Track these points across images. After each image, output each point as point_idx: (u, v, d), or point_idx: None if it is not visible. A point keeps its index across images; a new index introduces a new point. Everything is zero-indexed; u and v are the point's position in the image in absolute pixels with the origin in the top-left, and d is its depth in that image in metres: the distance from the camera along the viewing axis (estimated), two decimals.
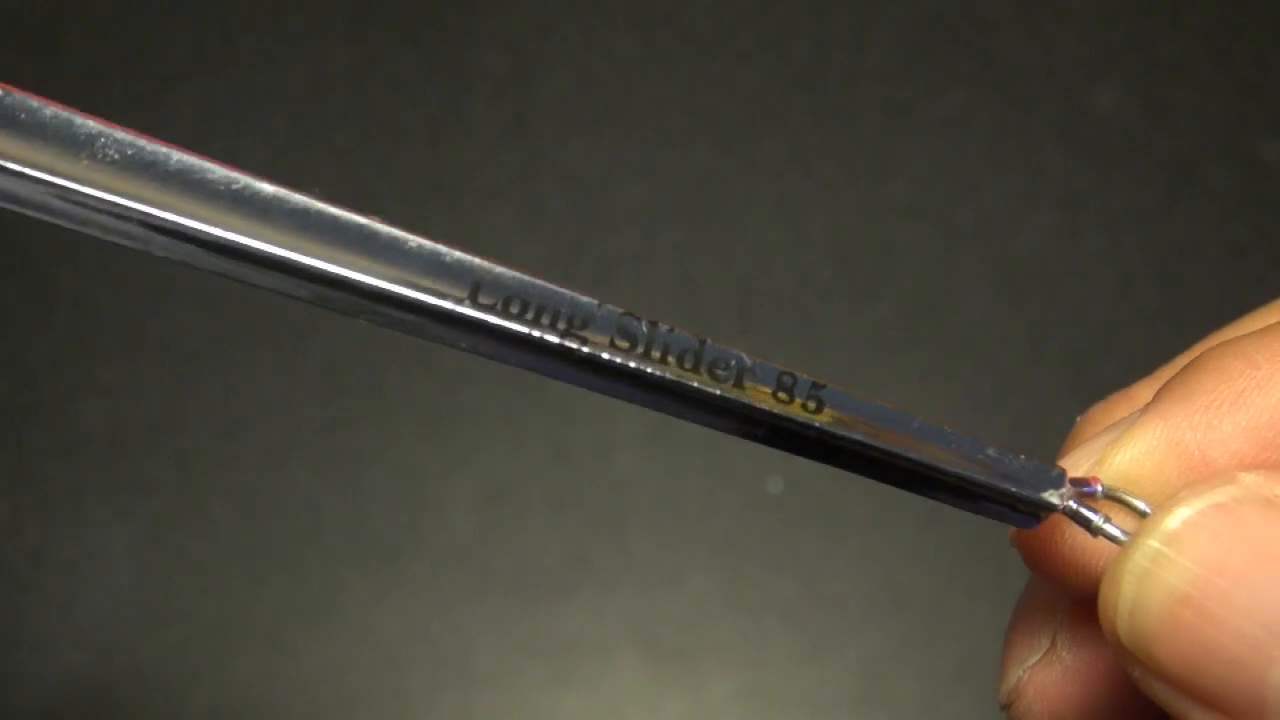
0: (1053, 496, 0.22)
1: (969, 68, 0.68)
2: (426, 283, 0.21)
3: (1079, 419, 0.26)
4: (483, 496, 0.61)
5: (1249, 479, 0.20)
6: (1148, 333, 0.63)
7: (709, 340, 0.22)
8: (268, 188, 0.21)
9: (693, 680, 0.58)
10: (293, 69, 0.68)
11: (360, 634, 0.59)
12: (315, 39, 0.69)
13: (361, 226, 0.21)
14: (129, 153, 0.21)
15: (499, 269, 0.21)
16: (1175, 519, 0.20)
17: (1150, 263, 0.65)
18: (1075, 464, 0.23)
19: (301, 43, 0.69)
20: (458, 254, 0.21)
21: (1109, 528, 0.22)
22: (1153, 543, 0.20)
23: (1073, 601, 0.24)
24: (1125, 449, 0.22)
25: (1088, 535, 0.22)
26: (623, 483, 0.61)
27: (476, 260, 0.21)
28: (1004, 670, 0.26)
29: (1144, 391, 0.25)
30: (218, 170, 0.21)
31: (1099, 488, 0.22)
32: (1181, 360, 0.25)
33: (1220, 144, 0.67)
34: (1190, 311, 0.64)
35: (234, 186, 0.21)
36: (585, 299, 0.21)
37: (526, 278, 0.21)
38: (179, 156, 0.21)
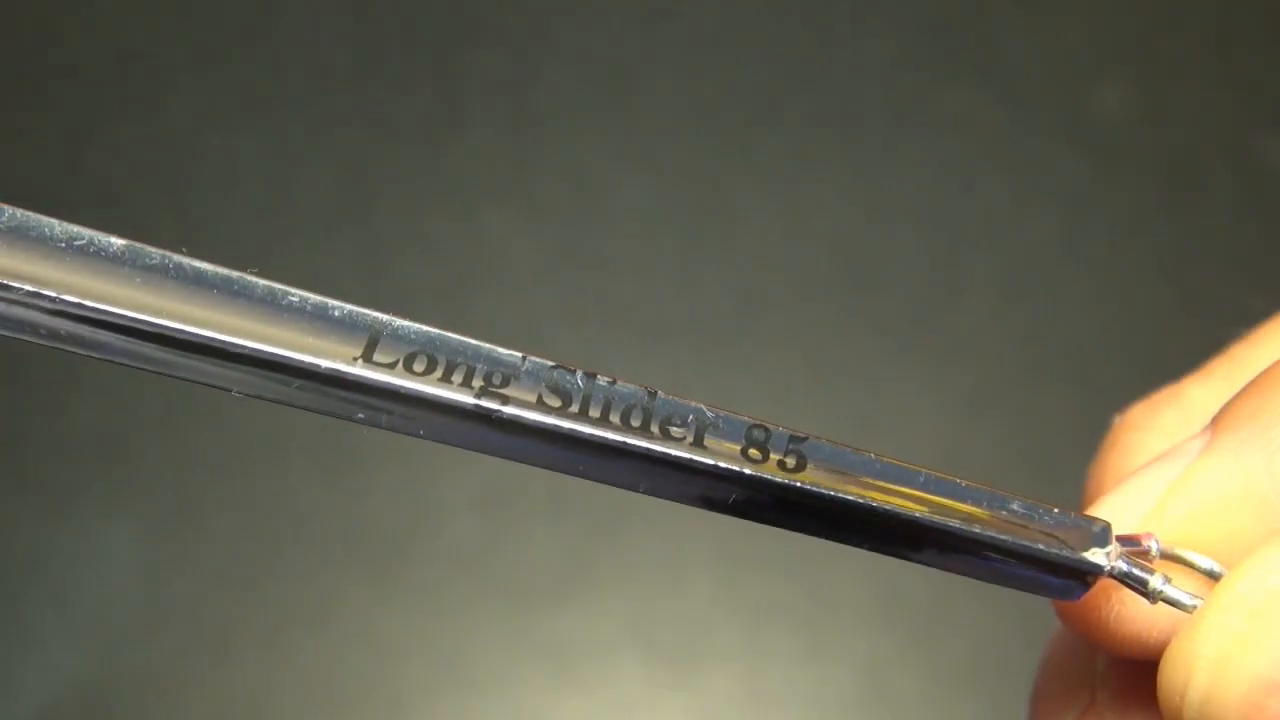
0: (1098, 556, 0.18)
1: (969, 68, 0.68)
2: (309, 340, 0.17)
3: (1116, 420, 0.22)
4: (483, 498, 0.61)
5: None
6: (1150, 334, 0.63)
7: (660, 393, 0.18)
8: (117, 241, 0.17)
9: (693, 682, 0.58)
10: (293, 69, 0.68)
11: (360, 636, 0.59)
12: (315, 39, 0.69)
13: (230, 280, 0.17)
14: None
15: (399, 321, 0.18)
16: (1260, 589, 0.16)
17: (1152, 263, 0.65)
18: (1120, 508, 0.19)
19: (301, 43, 0.68)
20: (348, 307, 0.18)
21: (1171, 591, 0.18)
22: (1233, 619, 0.16)
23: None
24: (1187, 495, 0.18)
25: (1138, 598, 0.18)
26: None
27: (370, 313, 0.18)
28: None
29: (1196, 392, 0.21)
30: (58, 226, 0.17)
31: (1154, 544, 0.18)
32: (1241, 355, 0.21)
33: (1223, 144, 0.67)
34: (1193, 313, 0.64)
35: (77, 243, 0.17)
36: (505, 352, 0.18)
37: (433, 330, 0.18)
38: (12, 212, 0.17)
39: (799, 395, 0.62)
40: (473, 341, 0.18)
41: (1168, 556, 0.18)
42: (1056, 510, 0.18)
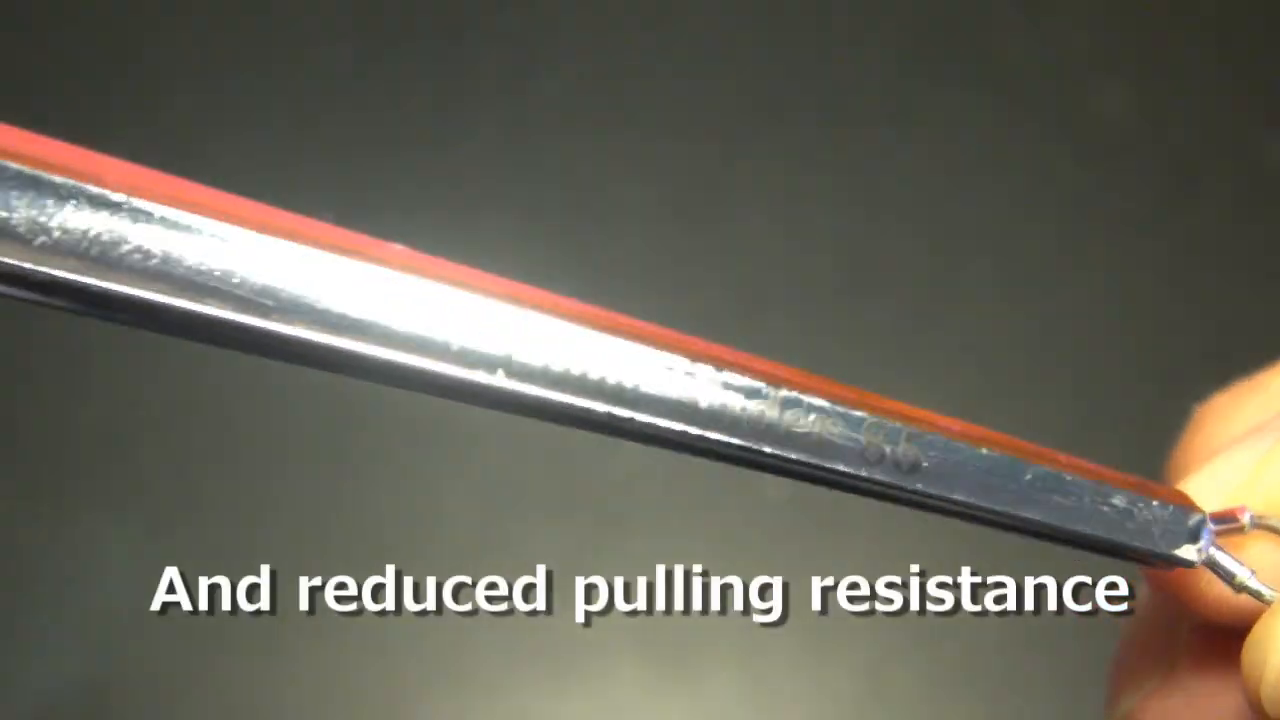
0: (1189, 552, 0.20)
1: (969, 68, 0.68)
2: (455, 351, 0.18)
3: (1197, 409, 0.23)
4: (483, 496, 0.61)
5: None
6: (1150, 334, 0.63)
7: (784, 389, 0.20)
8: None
9: (692, 681, 0.58)
10: (293, 69, 0.68)
11: (358, 635, 0.59)
12: (315, 39, 0.69)
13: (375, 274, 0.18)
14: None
15: (534, 318, 0.18)
16: None
17: (1152, 263, 0.65)
18: (1211, 480, 0.20)
19: (301, 43, 0.68)
20: (490, 310, 0.18)
21: (1254, 584, 0.19)
22: None
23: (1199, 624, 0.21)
24: (1278, 468, 0.19)
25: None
26: (623, 483, 0.61)
27: (510, 308, 0.18)
28: (1115, 695, 0.22)
29: (1278, 382, 0.22)
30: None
31: (1246, 518, 0.20)
32: None
33: (1223, 144, 0.67)
34: (1193, 313, 0.64)
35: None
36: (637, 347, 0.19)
37: (567, 325, 0.19)
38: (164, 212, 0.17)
39: None
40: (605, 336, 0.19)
41: (1260, 525, 0.20)
42: (1155, 503, 0.20)
